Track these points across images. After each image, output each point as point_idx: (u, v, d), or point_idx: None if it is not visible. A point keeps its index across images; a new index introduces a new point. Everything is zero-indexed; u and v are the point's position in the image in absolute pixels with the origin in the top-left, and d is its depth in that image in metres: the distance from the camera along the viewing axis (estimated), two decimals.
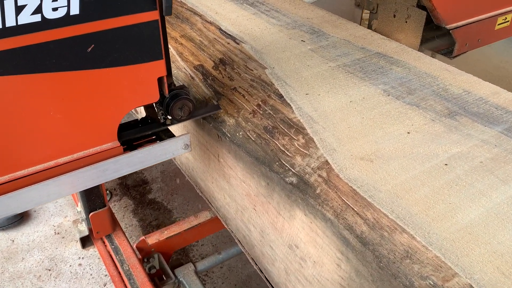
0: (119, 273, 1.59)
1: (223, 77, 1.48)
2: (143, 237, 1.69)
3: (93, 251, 2.24)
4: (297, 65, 1.47)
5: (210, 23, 1.80)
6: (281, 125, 1.23)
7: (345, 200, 0.99)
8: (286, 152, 1.17)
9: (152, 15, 1.00)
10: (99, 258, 2.17)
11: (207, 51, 1.63)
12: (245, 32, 1.71)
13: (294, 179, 1.11)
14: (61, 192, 1.10)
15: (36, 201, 1.07)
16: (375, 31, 1.75)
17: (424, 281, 0.82)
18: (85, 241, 1.69)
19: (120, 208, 2.50)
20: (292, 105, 1.28)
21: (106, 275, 2.11)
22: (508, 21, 1.95)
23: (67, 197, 2.51)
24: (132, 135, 1.24)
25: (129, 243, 1.60)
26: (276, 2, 2.00)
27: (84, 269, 2.15)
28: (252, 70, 1.47)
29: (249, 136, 1.27)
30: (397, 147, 1.11)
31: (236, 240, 1.56)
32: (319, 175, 1.06)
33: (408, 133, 1.16)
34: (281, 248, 1.24)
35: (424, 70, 1.44)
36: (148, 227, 2.39)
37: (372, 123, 1.19)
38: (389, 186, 0.99)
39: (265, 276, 1.43)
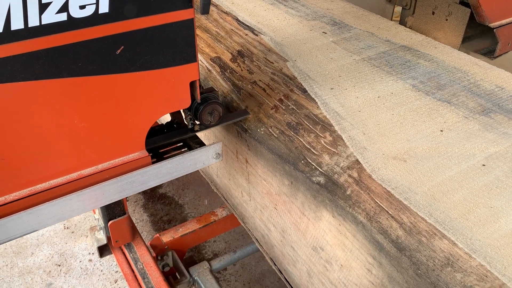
0: (133, 271, 1.55)
1: (241, 70, 1.43)
2: (157, 235, 1.64)
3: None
4: (320, 58, 1.41)
5: (227, 13, 1.74)
6: (305, 121, 1.17)
7: (379, 203, 0.93)
8: (312, 150, 1.11)
9: (187, 14, 0.91)
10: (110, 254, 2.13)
11: (224, 43, 1.57)
12: (264, 23, 1.65)
13: (321, 179, 1.05)
14: (85, 207, 1.01)
15: (57, 217, 0.98)
16: (411, 28, 1.65)
17: None
18: (103, 250, 1.62)
19: (131, 203, 2.45)
20: (317, 100, 1.22)
21: (117, 271, 2.07)
22: None
23: None
24: (159, 142, 1.15)
25: (144, 242, 1.55)
26: None
27: (94, 265, 2.11)
28: (272, 62, 1.41)
29: (271, 132, 1.22)
30: (431, 146, 1.05)
31: (254, 239, 1.51)
32: (350, 175, 1.01)
33: (441, 131, 1.10)
34: (304, 249, 1.19)
35: (453, 64, 1.38)
36: (159, 222, 2.34)
37: (403, 120, 1.13)
38: (425, 187, 0.94)
39: (284, 277, 1.39)
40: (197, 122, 1.16)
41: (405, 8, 1.80)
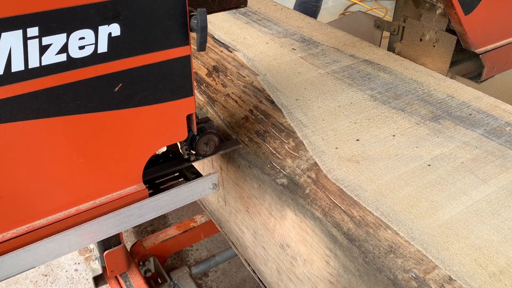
0: (116, 276, 1.62)
1: (216, 83, 1.53)
2: (138, 241, 1.72)
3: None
4: (288, 72, 1.53)
5: None
6: (272, 129, 1.28)
7: (333, 199, 1.03)
8: (277, 154, 1.21)
9: (184, 51, 0.93)
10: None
11: (200, 59, 1.68)
12: (238, 41, 1.76)
13: (284, 180, 1.15)
14: (83, 242, 1.01)
15: (56, 253, 0.98)
16: (399, 54, 1.71)
17: (406, 274, 0.87)
18: (98, 280, 1.63)
19: None
20: (283, 110, 1.33)
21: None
22: None
23: None
24: (155, 174, 1.17)
25: (126, 249, 1.62)
26: (268, 12, 2.06)
27: (80, 274, 2.17)
28: (244, 77, 1.52)
29: (242, 140, 1.32)
30: (383, 149, 1.16)
31: (230, 243, 1.60)
32: (308, 176, 1.11)
33: (394, 136, 1.21)
34: (273, 248, 1.28)
35: (410, 76, 1.50)
36: (143, 233, 2.42)
37: (359, 127, 1.24)
38: (375, 185, 1.04)
39: (258, 277, 1.47)
40: (193, 152, 1.18)
41: (393, 33, 1.84)
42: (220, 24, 1.91)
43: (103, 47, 0.84)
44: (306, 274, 1.16)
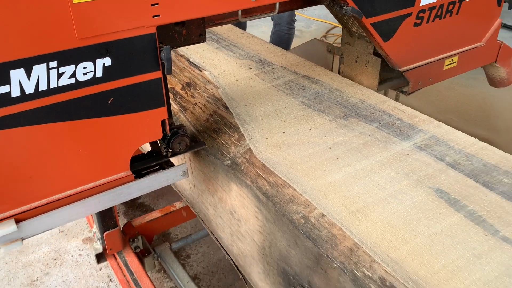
0: (113, 254, 2.05)
1: (187, 95, 1.99)
2: (129, 221, 2.15)
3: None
4: (242, 86, 1.98)
5: (181, 56, 2.32)
6: (224, 127, 1.73)
7: (258, 171, 1.47)
8: (226, 144, 1.66)
9: (157, 74, 1.28)
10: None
11: (177, 77, 2.14)
12: (207, 62, 2.23)
13: (229, 162, 1.59)
14: (87, 211, 1.35)
15: (68, 218, 1.31)
16: (342, 74, 2.14)
17: (298, 215, 1.30)
18: (100, 258, 2.07)
19: None
20: (233, 113, 1.77)
21: None
22: (454, 62, 2.24)
23: None
24: (141, 166, 1.51)
25: (124, 234, 2.05)
26: (235, 38, 2.53)
27: (83, 258, 2.60)
28: (209, 90, 1.98)
29: (202, 136, 1.77)
30: (300, 138, 1.60)
31: (200, 220, 2.03)
32: (244, 157, 1.55)
33: (310, 129, 1.65)
34: (226, 216, 1.71)
35: (335, 86, 1.95)
36: None
37: (287, 124, 1.69)
38: (287, 161, 1.48)
39: (219, 243, 1.90)
40: (170, 150, 1.52)
41: (341, 57, 2.27)
42: (195, 49, 2.38)
43: (99, 73, 1.18)
44: (247, 231, 1.59)
